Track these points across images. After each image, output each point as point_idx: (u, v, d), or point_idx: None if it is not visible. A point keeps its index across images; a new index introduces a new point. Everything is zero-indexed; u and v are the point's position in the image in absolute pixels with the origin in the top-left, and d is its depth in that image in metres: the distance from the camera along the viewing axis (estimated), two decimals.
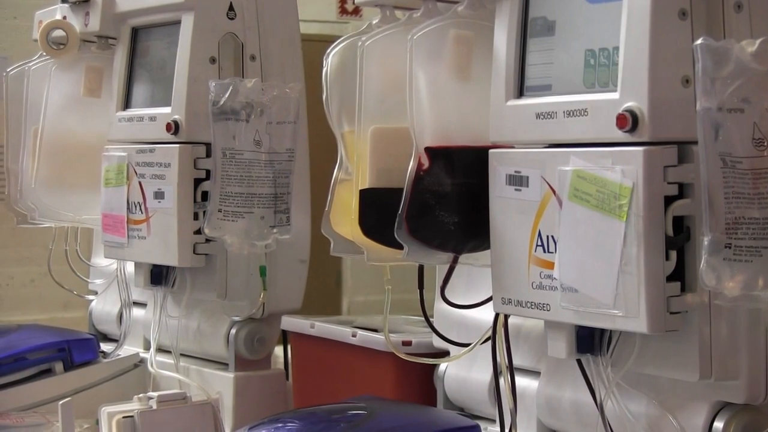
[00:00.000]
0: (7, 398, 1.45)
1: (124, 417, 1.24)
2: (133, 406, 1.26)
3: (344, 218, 1.10)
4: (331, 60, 1.12)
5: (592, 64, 0.87)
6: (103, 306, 1.66)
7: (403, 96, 1.00)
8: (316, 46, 1.35)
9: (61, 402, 1.23)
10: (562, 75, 0.91)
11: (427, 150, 0.98)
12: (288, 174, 1.22)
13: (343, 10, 2.85)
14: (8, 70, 1.65)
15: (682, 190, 0.82)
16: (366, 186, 1.06)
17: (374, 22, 1.13)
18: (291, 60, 1.38)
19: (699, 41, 0.75)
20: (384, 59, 1.05)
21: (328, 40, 1.16)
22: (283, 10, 1.39)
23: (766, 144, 0.76)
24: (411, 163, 0.99)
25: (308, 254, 1.39)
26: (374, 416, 1.07)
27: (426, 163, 0.98)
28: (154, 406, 1.25)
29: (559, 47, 0.92)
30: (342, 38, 1.12)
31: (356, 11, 2.76)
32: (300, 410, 1.21)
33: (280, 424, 1.05)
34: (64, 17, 1.51)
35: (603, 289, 0.82)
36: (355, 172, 1.08)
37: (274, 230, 1.21)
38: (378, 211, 1.06)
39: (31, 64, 1.59)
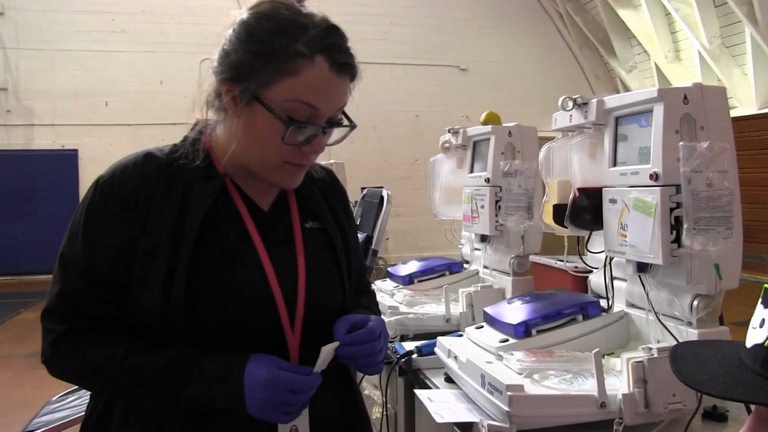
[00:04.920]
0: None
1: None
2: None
3: (548, 215, 2.08)
4: (542, 151, 2.09)
5: (642, 152, 1.72)
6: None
7: (567, 167, 1.97)
8: None
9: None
10: (630, 157, 1.76)
11: (578, 189, 1.90)
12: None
13: None
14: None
15: (678, 205, 1.60)
16: (555, 202, 2.02)
17: (560, 135, 2.07)
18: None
19: (681, 143, 1.57)
20: (561, 151, 2.01)
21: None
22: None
23: (714, 186, 1.57)
24: (571, 194, 1.91)
25: None
26: (559, 293, 2.02)
27: (577, 194, 1.89)
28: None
29: (628, 146, 1.78)
30: (545, 144, 2.08)
31: None
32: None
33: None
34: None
35: (644, 246, 1.66)
36: (552, 197, 2.05)
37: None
38: (559, 213, 1.96)
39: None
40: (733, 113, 8.83)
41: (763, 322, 0.85)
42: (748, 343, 0.87)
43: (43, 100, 12.25)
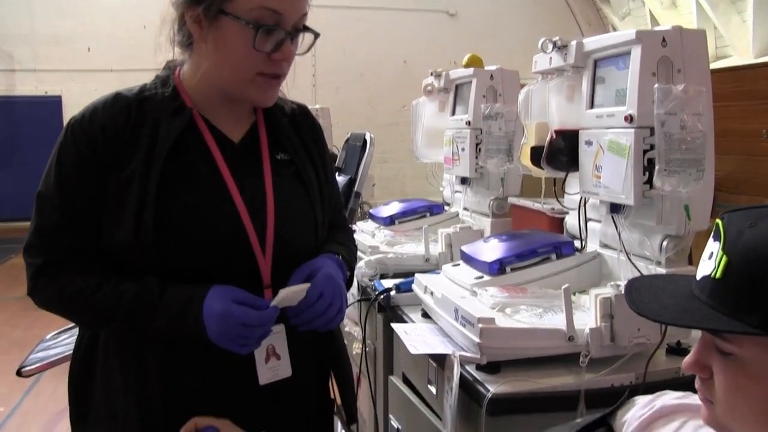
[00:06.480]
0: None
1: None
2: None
3: (525, 157, 2.10)
4: (521, 94, 2.09)
5: (619, 95, 1.72)
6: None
7: (546, 109, 1.98)
8: None
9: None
10: (607, 99, 1.77)
11: (555, 131, 1.92)
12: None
13: None
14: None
15: (652, 147, 1.61)
16: (533, 145, 2.04)
17: (539, 78, 2.06)
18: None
19: (656, 86, 1.57)
20: (539, 94, 2.01)
21: None
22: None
23: (687, 129, 1.57)
24: (548, 136, 1.93)
25: None
26: (535, 233, 2.06)
27: (554, 136, 1.91)
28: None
29: (606, 88, 1.80)
30: (525, 86, 2.08)
31: None
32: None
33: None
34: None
35: (617, 187, 1.68)
36: (530, 139, 2.07)
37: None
38: (536, 154, 1.98)
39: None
40: (729, 62, 8.64)
41: (711, 254, 0.88)
42: (698, 275, 0.91)
43: (24, 46, 12.01)
